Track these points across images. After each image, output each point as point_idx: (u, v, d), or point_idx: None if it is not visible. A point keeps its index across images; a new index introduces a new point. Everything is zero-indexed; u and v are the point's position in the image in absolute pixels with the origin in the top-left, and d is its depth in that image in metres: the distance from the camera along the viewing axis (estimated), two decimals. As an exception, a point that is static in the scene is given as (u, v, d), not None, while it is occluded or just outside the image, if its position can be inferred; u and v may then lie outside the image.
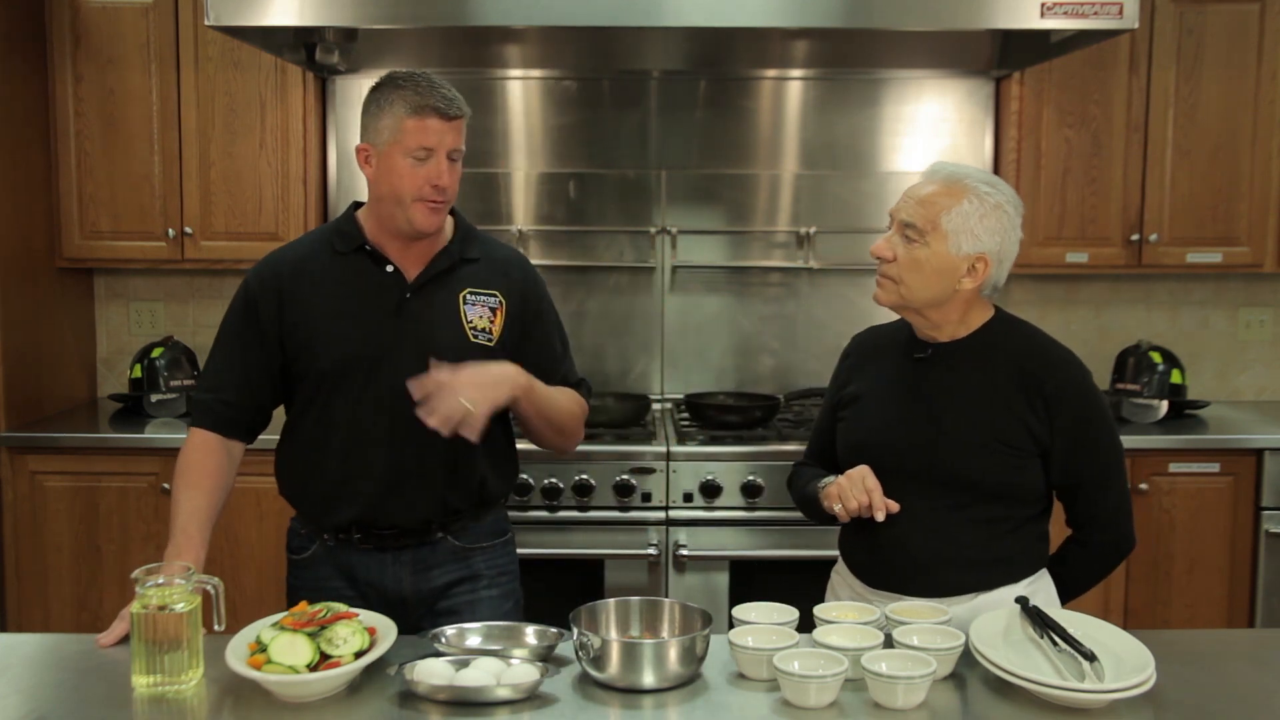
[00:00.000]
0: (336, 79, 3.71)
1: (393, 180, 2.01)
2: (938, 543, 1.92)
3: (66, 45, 3.52)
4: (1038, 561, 1.99)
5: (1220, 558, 3.41)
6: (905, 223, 1.90)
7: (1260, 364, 4.02)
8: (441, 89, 2.02)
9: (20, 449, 3.36)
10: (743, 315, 3.82)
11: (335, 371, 2.07)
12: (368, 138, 2.05)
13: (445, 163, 2.02)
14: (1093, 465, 1.97)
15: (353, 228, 2.12)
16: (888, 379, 2.02)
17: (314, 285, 2.10)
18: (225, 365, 2.15)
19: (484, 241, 2.20)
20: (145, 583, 1.68)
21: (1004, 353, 1.96)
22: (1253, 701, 1.67)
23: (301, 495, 2.17)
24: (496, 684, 1.62)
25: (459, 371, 1.93)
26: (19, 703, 1.64)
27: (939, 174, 1.93)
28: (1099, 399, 1.98)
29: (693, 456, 3.22)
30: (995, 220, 1.89)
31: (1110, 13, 2.66)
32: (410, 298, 2.08)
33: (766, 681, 1.68)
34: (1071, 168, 3.58)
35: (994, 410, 1.92)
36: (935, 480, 1.92)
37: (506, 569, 2.22)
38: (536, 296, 2.20)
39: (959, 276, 1.90)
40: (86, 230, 3.59)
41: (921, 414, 1.95)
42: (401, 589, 2.12)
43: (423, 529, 2.12)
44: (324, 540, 2.14)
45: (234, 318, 2.17)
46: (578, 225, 3.70)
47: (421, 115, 1.99)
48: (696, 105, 3.79)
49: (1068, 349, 2.01)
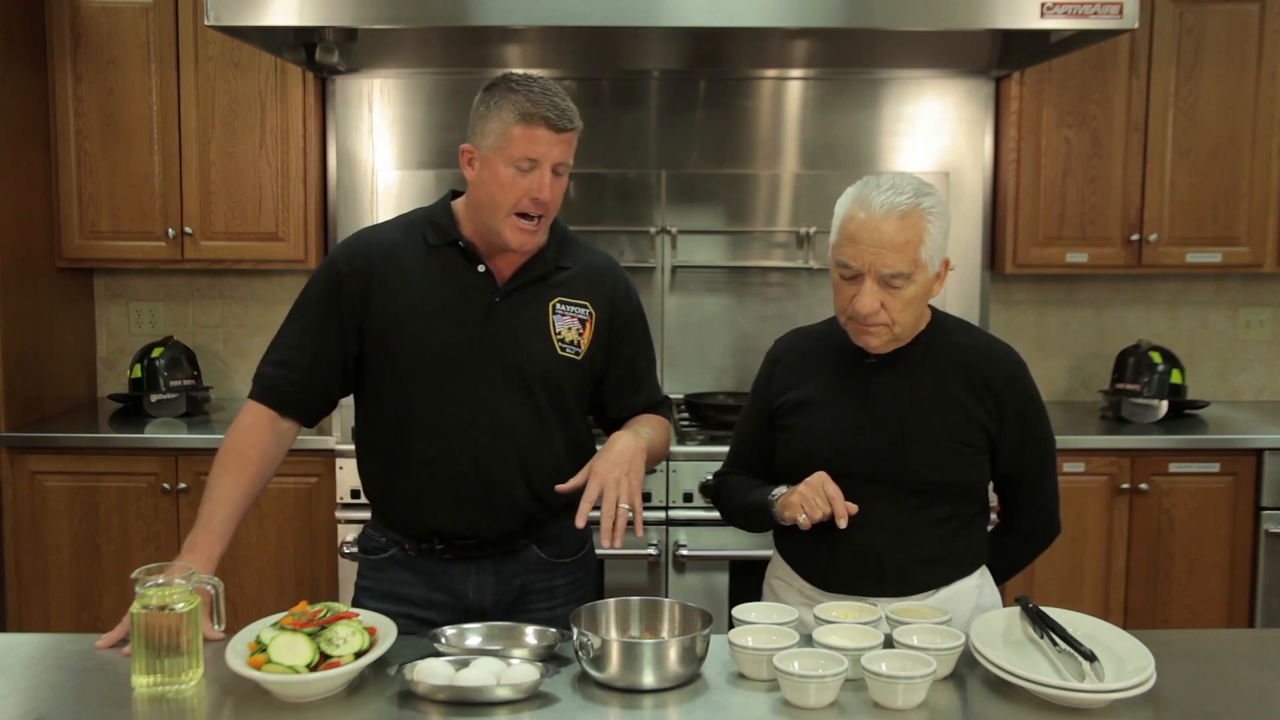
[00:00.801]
0: (336, 79, 3.71)
1: (492, 189, 1.93)
2: (902, 544, 1.93)
3: (66, 45, 3.52)
4: (983, 553, 2.04)
5: (1220, 558, 3.41)
6: (890, 275, 1.85)
7: (1260, 364, 4.02)
8: (554, 97, 1.94)
9: (20, 449, 3.36)
10: (743, 315, 3.82)
11: (413, 370, 1.98)
12: (473, 139, 1.97)
13: (549, 176, 1.94)
14: (1036, 455, 2.02)
15: (448, 220, 2.03)
16: (835, 385, 2.00)
17: (402, 276, 2.00)
18: (296, 342, 2.03)
19: (580, 249, 2.12)
20: (145, 583, 1.68)
21: (948, 351, 1.98)
22: (1253, 701, 1.66)
23: (380, 498, 2.08)
24: (496, 684, 1.62)
25: (599, 477, 1.86)
26: (19, 703, 1.64)
27: (894, 210, 1.85)
28: (1036, 389, 2.02)
29: (693, 456, 3.22)
30: (946, 223, 1.91)
31: (1110, 13, 2.66)
32: (499, 301, 1.99)
33: (766, 681, 1.68)
34: (1071, 168, 3.58)
35: (950, 410, 1.94)
36: (897, 483, 1.93)
37: (584, 582, 2.15)
38: (628, 307, 2.13)
39: (932, 288, 1.93)
40: (86, 230, 3.59)
41: (881, 419, 1.95)
42: (483, 600, 2.04)
43: (506, 540, 2.04)
44: (403, 548, 2.05)
45: (314, 294, 2.04)
46: (578, 225, 3.66)
47: (530, 124, 1.91)
48: (696, 105, 3.79)
49: (1004, 342, 2.04)
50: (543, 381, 2.01)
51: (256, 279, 3.92)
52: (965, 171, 3.77)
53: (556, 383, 2.02)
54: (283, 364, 2.03)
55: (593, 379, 2.10)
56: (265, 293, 3.93)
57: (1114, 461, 3.38)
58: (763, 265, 3.80)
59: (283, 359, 2.03)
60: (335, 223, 3.72)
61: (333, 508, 3.27)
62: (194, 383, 3.70)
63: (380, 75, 3.73)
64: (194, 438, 3.39)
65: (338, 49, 3.04)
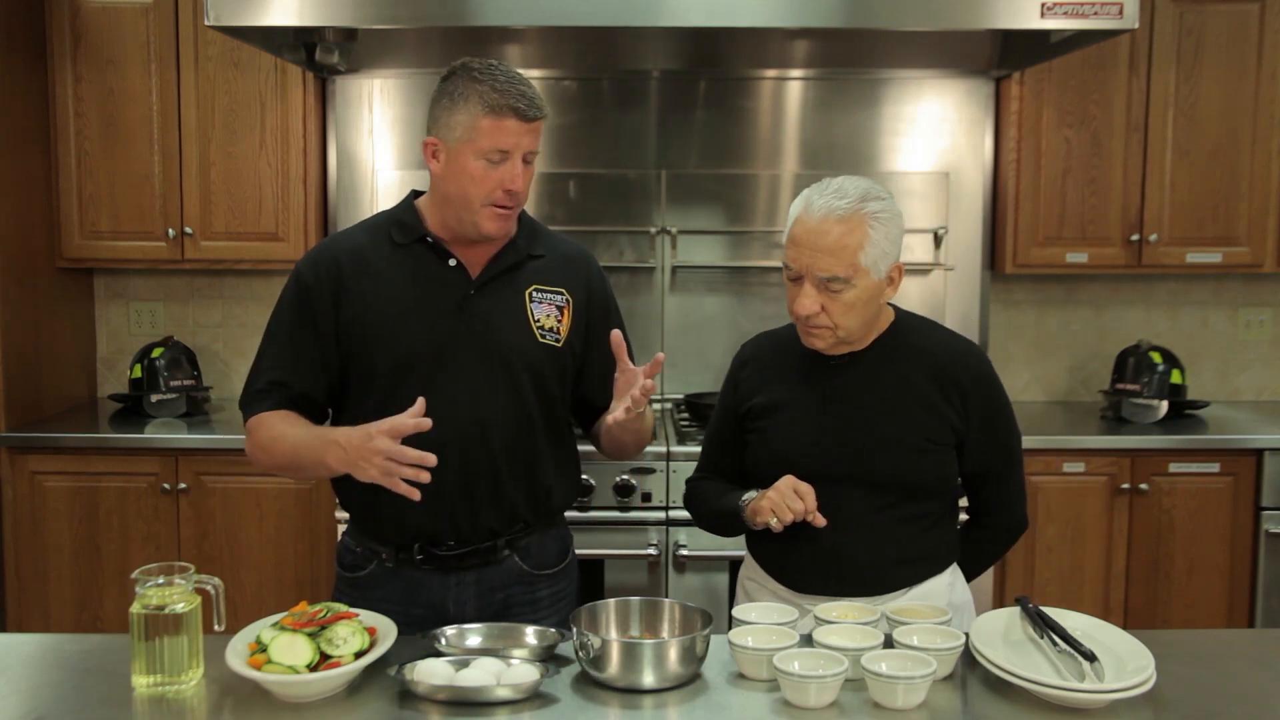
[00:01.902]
0: (336, 79, 3.71)
1: (462, 181, 1.90)
2: (875, 544, 1.94)
3: (66, 45, 3.52)
4: (954, 552, 2.05)
5: (1220, 558, 3.41)
6: (826, 278, 1.86)
7: (1260, 364, 4.02)
8: (520, 86, 1.89)
9: (20, 449, 3.36)
10: (743, 315, 3.82)
11: (393, 371, 1.95)
12: (437, 132, 1.92)
13: (520, 166, 1.91)
14: (1002, 451, 2.03)
15: (413, 218, 2.00)
16: (802, 387, 2.00)
17: (372, 278, 1.97)
18: (280, 362, 1.99)
19: (550, 237, 2.10)
20: (145, 583, 1.68)
21: (912, 351, 1.99)
22: (1253, 701, 1.67)
23: (360, 505, 2.03)
24: (496, 684, 1.62)
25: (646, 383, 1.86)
26: (19, 703, 1.64)
27: (831, 213, 1.86)
28: (1002, 386, 2.04)
29: (693, 457, 3.19)
30: (897, 229, 1.90)
31: (1110, 13, 2.67)
32: (474, 294, 1.97)
33: (766, 681, 1.68)
34: (1071, 168, 3.58)
35: (918, 409, 1.95)
36: (868, 483, 1.94)
37: (566, 593, 2.12)
38: (604, 295, 2.11)
39: (883, 293, 1.93)
40: (86, 230, 3.59)
41: (849, 419, 1.96)
42: (464, 612, 1.99)
43: (487, 546, 2.00)
44: (381, 560, 2.02)
45: (286, 311, 2.00)
46: (578, 225, 3.70)
47: (499, 115, 1.87)
48: (696, 105, 3.79)
49: (968, 339, 2.06)
50: (526, 370, 1.98)
51: (256, 279, 3.92)
52: (965, 171, 3.77)
53: (540, 371, 2.00)
54: (275, 384, 1.98)
55: (574, 367, 2.07)
56: (265, 293, 3.93)
57: (1114, 461, 3.38)
58: (763, 265, 3.80)
59: (274, 380, 1.99)
60: (335, 223, 3.73)
61: (332, 508, 3.26)
62: (194, 383, 3.70)
63: (380, 75, 3.73)
64: (194, 438, 3.39)
65: (338, 49, 3.04)
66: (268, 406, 1.98)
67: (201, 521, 3.36)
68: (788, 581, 2.00)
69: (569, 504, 2.15)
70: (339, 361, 1.99)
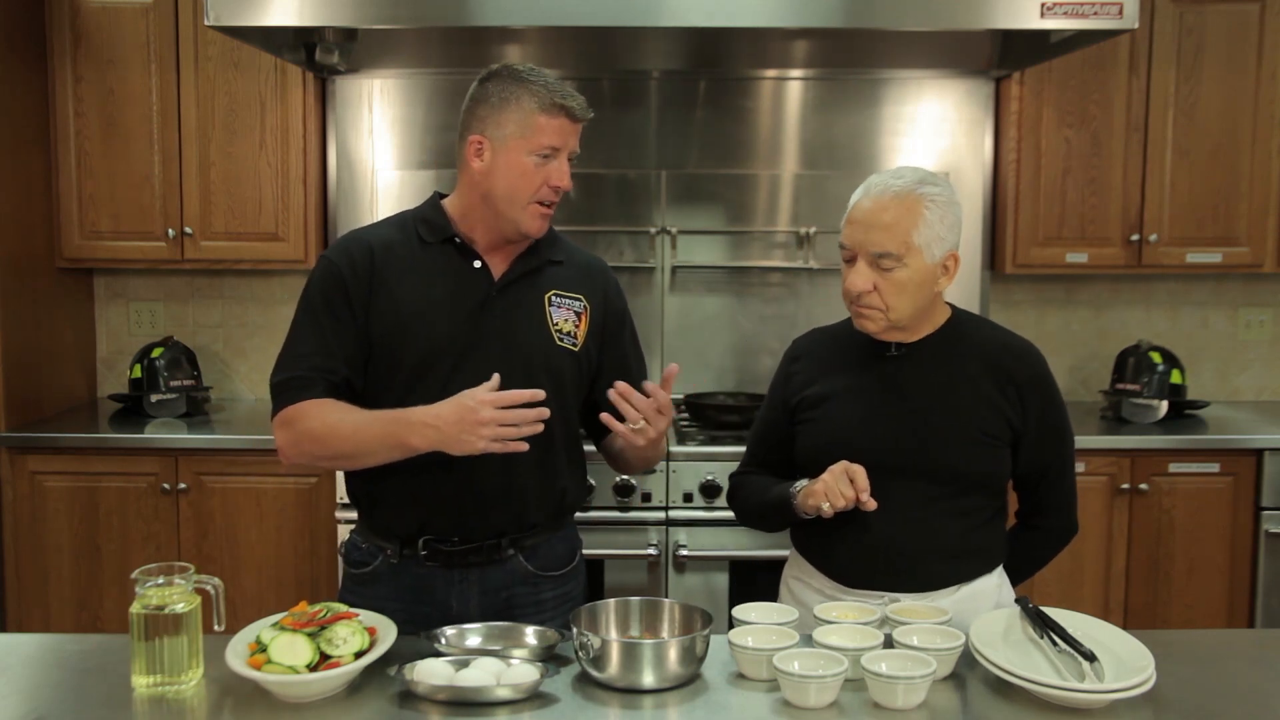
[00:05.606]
0: (336, 79, 3.71)
1: (512, 178, 1.94)
2: (925, 536, 1.94)
3: (66, 45, 3.52)
4: (1003, 551, 2.04)
5: (1220, 558, 3.41)
6: (879, 254, 1.89)
7: (1260, 364, 4.02)
8: (569, 87, 1.98)
9: (20, 449, 3.36)
10: (743, 315, 3.82)
11: (417, 365, 1.96)
12: (484, 130, 1.95)
13: (566, 163, 1.98)
14: (1057, 452, 2.03)
15: (440, 218, 2.03)
16: (857, 377, 2.01)
17: (401, 273, 1.98)
18: (316, 348, 1.95)
19: (568, 245, 2.13)
20: (145, 583, 1.68)
21: (971, 346, 2.00)
22: (1253, 701, 1.67)
23: (372, 498, 2.03)
24: (496, 684, 1.62)
25: (661, 396, 1.90)
26: (19, 703, 1.64)
27: (886, 191, 1.91)
28: (1058, 388, 2.04)
29: (693, 457, 3.22)
30: (954, 216, 1.93)
31: (1110, 13, 2.67)
32: (497, 295, 2.00)
33: (766, 681, 1.68)
34: (1071, 168, 3.58)
35: (974, 402, 1.95)
36: (921, 474, 1.93)
37: (572, 595, 2.12)
38: (619, 305, 2.15)
39: (937, 280, 1.94)
40: (86, 230, 3.59)
41: (903, 409, 1.96)
42: (468, 612, 1.99)
43: (491, 544, 2.01)
44: (386, 556, 2.03)
45: (319, 299, 1.98)
46: (577, 225, 3.70)
47: (553, 114, 1.95)
48: (696, 105, 3.79)
49: (1028, 340, 2.06)
50: (545, 371, 2.00)
51: (256, 279, 3.91)
52: (965, 171, 3.77)
53: (558, 373, 2.02)
54: (318, 370, 1.94)
55: (589, 374, 2.09)
56: (265, 293, 3.93)
57: (1114, 461, 3.38)
58: (763, 265, 3.80)
59: (317, 366, 1.94)
60: (335, 223, 3.73)
61: (333, 508, 3.26)
62: (194, 383, 3.70)
63: (380, 75, 3.73)
64: (194, 438, 3.39)
65: (338, 49, 3.04)
66: (315, 394, 1.93)
67: (201, 521, 3.36)
68: (835, 575, 1.99)
69: (579, 505, 2.17)
70: (367, 351, 1.99)
